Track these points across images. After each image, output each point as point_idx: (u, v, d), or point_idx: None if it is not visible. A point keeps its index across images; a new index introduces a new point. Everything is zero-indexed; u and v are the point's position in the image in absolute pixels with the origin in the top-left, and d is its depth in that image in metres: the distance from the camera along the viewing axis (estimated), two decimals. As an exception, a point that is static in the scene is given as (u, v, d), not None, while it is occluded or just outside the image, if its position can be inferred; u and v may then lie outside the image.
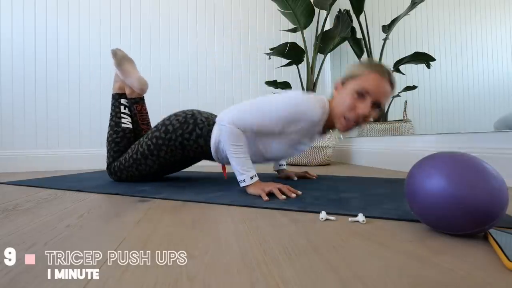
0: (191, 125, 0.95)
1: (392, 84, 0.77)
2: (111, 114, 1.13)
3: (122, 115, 1.12)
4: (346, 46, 2.12)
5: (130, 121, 1.14)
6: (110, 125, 1.11)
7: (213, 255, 0.38)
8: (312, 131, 0.85)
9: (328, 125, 0.87)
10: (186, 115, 0.98)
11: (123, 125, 1.10)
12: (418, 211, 0.46)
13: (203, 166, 1.84)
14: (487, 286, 0.30)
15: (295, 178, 1.08)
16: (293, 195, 0.75)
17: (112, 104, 1.14)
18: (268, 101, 0.81)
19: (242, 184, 0.80)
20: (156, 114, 1.91)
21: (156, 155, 0.98)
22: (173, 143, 0.96)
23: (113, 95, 1.16)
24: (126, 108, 1.14)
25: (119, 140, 1.08)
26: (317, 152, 1.76)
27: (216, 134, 0.93)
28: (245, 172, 0.79)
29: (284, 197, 0.73)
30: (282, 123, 0.79)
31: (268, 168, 1.28)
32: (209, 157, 1.01)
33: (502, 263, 0.35)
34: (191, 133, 0.95)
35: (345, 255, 0.38)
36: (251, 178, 0.79)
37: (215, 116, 1.02)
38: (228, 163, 0.97)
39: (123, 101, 1.16)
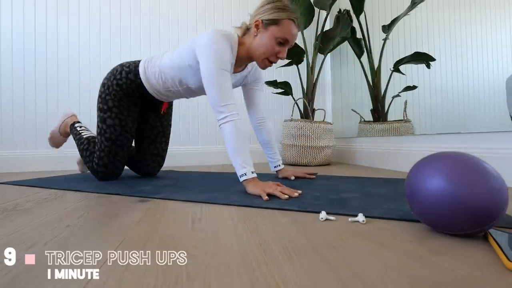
0: (119, 67, 1.11)
1: (299, 25, 0.92)
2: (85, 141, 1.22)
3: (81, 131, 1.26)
4: (346, 46, 2.11)
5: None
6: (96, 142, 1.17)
7: (213, 255, 0.38)
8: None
9: (245, 59, 0.98)
10: (113, 67, 1.14)
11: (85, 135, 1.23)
12: (418, 211, 0.46)
13: (203, 166, 1.84)
14: (487, 286, 0.30)
15: (292, 178, 1.08)
16: (296, 194, 0.75)
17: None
18: (207, 71, 0.86)
19: (243, 178, 0.80)
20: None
21: (108, 109, 1.08)
22: (112, 88, 1.08)
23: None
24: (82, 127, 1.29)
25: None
26: (317, 152, 1.76)
27: (142, 66, 1.07)
28: (247, 166, 0.81)
29: (286, 196, 0.73)
30: (225, 69, 0.87)
31: (268, 169, 1.28)
32: (149, 94, 1.11)
33: (502, 263, 0.35)
34: (121, 73, 1.09)
35: (345, 255, 0.38)
36: (252, 172, 0.81)
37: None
38: (170, 100, 1.20)
39: (76, 125, 1.31)
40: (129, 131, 1.12)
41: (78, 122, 1.33)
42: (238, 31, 0.97)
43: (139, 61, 1.11)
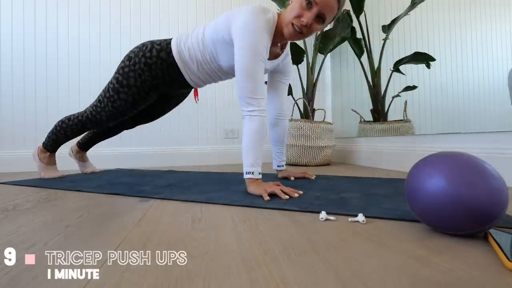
0: (149, 44, 0.99)
1: (339, 1, 0.81)
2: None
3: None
4: (346, 46, 2.11)
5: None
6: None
7: (213, 255, 0.38)
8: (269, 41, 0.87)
9: (279, 36, 0.89)
10: (142, 42, 1.03)
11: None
12: (418, 211, 0.46)
13: (203, 166, 1.84)
14: (487, 286, 0.30)
15: (292, 178, 1.08)
16: (296, 194, 0.75)
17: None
18: (242, 59, 0.81)
19: (248, 176, 0.80)
20: (156, 114, 1.91)
21: (126, 85, 0.99)
22: (138, 66, 0.97)
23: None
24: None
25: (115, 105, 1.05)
26: (317, 152, 1.76)
27: (175, 43, 0.97)
28: (256, 166, 0.80)
29: (287, 196, 0.73)
30: (262, 55, 0.82)
31: (268, 169, 1.28)
32: (179, 75, 1.00)
33: (502, 263, 0.35)
34: (151, 51, 0.98)
35: (345, 255, 0.38)
36: (259, 173, 0.81)
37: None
38: (200, 85, 1.07)
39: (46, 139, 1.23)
40: (138, 107, 1.07)
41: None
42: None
43: (170, 39, 1.01)
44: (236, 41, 0.82)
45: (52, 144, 1.21)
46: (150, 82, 1.00)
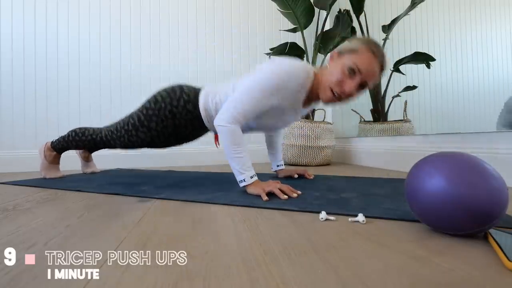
0: (178, 93, 0.97)
1: (382, 67, 0.78)
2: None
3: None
4: (346, 46, 2.11)
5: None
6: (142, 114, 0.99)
7: (213, 255, 0.38)
8: (296, 97, 0.85)
9: (312, 96, 0.87)
10: (172, 86, 1.00)
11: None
12: (418, 211, 0.46)
13: (203, 166, 1.84)
14: (487, 286, 0.30)
15: (296, 176, 1.08)
16: (294, 194, 0.75)
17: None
18: (254, 81, 0.80)
19: (242, 184, 0.79)
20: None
21: (147, 127, 0.97)
22: (163, 112, 0.95)
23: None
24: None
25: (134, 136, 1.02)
26: (317, 152, 1.76)
27: (203, 97, 0.95)
28: (245, 172, 0.78)
29: (286, 196, 0.73)
30: (273, 94, 0.80)
31: (268, 169, 1.28)
32: (202, 126, 1.00)
33: (502, 263, 0.35)
34: (178, 100, 0.95)
35: (345, 255, 0.38)
36: (251, 177, 0.79)
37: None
38: None
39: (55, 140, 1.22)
40: (153, 146, 1.06)
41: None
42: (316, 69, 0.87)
43: (199, 89, 0.99)
44: (261, 69, 0.81)
45: (61, 147, 1.22)
46: (172, 129, 0.99)
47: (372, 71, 0.76)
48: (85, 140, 1.14)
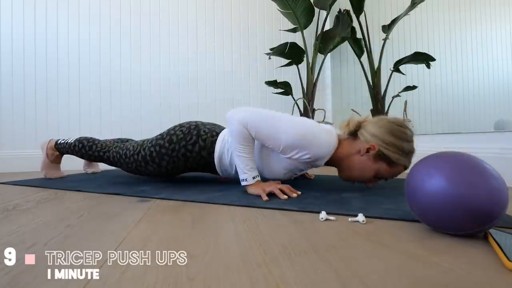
0: (194, 137, 0.94)
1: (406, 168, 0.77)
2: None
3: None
4: (346, 46, 2.11)
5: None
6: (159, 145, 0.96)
7: (213, 255, 0.38)
8: (313, 163, 0.84)
9: (330, 162, 0.85)
10: (190, 125, 0.97)
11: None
12: (418, 211, 0.46)
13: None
14: (487, 286, 0.30)
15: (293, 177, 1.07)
16: (294, 194, 0.75)
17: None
18: (284, 119, 0.79)
19: (243, 183, 0.80)
20: (155, 114, 1.91)
21: (157, 164, 0.96)
22: (176, 154, 0.93)
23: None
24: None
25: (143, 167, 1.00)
26: (317, 152, 1.75)
27: (219, 147, 0.93)
28: (248, 172, 0.79)
29: (286, 196, 0.73)
30: (288, 145, 0.78)
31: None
32: (212, 170, 1.00)
33: (502, 263, 0.34)
34: (194, 145, 0.93)
35: (345, 255, 0.38)
36: (253, 178, 0.79)
37: (218, 127, 1.02)
38: (229, 177, 1.01)
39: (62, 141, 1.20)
40: (160, 178, 1.06)
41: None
42: (342, 129, 0.84)
43: (216, 134, 0.95)
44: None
45: (64, 151, 1.20)
46: (182, 169, 0.99)
47: (397, 175, 0.78)
48: (92, 155, 1.11)
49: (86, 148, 1.11)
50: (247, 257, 0.38)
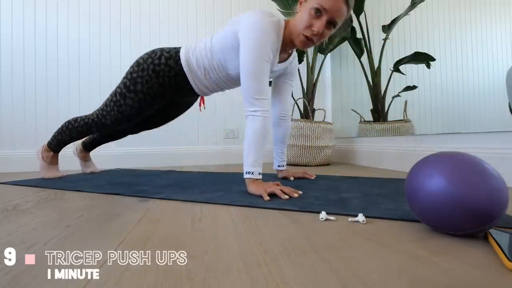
0: (158, 52, 1.00)
1: (348, 4, 0.81)
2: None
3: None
4: (346, 46, 2.11)
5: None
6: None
7: (213, 255, 0.38)
8: (275, 48, 0.87)
9: (287, 44, 0.90)
10: (153, 49, 1.04)
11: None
12: (418, 211, 0.46)
13: (203, 166, 1.84)
14: (487, 286, 0.30)
15: (292, 178, 1.09)
16: (296, 194, 0.76)
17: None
18: (248, 59, 0.82)
19: (247, 176, 0.80)
20: (156, 114, 1.91)
21: (133, 91, 0.99)
22: (146, 73, 0.98)
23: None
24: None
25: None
26: (317, 152, 1.76)
27: (184, 52, 0.97)
28: (257, 166, 0.80)
29: (287, 196, 0.73)
30: (268, 56, 0.83)
31: (268, 169, 1.28)
32: (187, 87, 1.02)
33: (502, 263, 0.35)
34: (160, 58, 0.98)
35: (345, 255, 0.38)
36: (259, 173, 0.81)
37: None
38: (207, 93, 1.08)
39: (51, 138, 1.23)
40: (143, 114, 1.07)
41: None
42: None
43: (179, 47, 1.02)
44: (242, 41, 0.83)
45: (56, 144, 1.21)
46: (157, 89, 1.00)
47: (337, 6, 0.79)
48: (78, 126, 1.14)
49: (72, 123, 1.15)
50: (247, 257, 0.38)
